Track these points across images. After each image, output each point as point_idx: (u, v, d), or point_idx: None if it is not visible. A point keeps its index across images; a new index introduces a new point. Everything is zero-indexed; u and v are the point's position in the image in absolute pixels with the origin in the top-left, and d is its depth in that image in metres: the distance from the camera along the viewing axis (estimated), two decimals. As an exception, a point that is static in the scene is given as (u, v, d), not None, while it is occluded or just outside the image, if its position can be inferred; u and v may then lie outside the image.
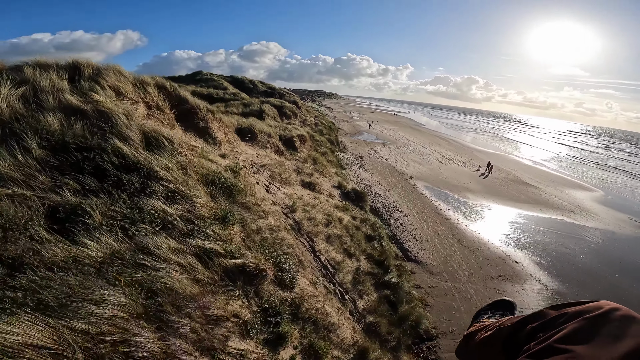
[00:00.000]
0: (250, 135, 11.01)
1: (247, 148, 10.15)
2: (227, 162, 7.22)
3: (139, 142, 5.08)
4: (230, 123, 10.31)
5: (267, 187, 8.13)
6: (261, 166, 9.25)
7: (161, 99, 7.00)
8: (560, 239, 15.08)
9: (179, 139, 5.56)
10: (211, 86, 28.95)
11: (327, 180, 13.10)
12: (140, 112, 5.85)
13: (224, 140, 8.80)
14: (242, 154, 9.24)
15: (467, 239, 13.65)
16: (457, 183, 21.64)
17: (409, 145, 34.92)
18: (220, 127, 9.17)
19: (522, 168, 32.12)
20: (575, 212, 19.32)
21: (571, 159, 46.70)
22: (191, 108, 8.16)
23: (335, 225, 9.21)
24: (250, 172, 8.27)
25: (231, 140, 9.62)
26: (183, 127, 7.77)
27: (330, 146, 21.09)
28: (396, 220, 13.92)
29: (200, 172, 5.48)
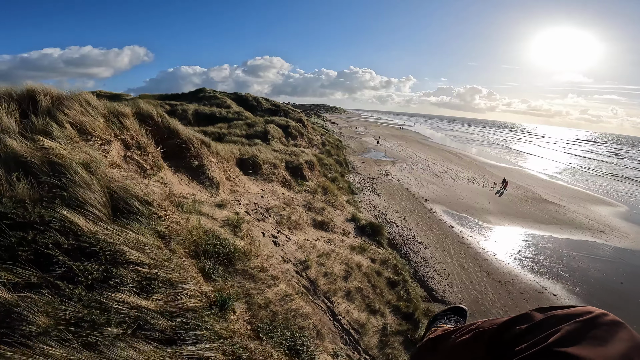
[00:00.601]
0: (253, 168, 9.84)
1: (250, 184, 8.96)
2: (225, 214, 5.99)
3: (102, 208, 3.84)
4: (230, 155, 9.14)
5: (274, 239, 6.88)
6: (267, 210, 8.01)
7: (143, 133, 5.84)
8: (595, 263, 13.66)
9: (161, 195, 4.34)
10: (214, 104, 28.16)
11: (339, 213, 11.83)
12: (112, 157, 4.69)
13: (222, 180, 7.60)
14: (244, 194, 8.04)
15: (496, 271, 12.25)
16: (475, 205, 20.21)
17: (420, 163, 33.62)
18: (219, 162, 7.98)
19: (539, 183, 30.64)
20: (604, 231, 17.82)
21: (585, 171, 44.99)
22: (183, 143, 6.99)
23: (355, 274, 7.90)
24: (254, 220, 7.03)
25: (232, 176, 8.43)
26: (173, 167, 6.60)
27: (339, 169, 19.88)
28: (416, 254, 12.54)
29: (190, 240, 4.24)
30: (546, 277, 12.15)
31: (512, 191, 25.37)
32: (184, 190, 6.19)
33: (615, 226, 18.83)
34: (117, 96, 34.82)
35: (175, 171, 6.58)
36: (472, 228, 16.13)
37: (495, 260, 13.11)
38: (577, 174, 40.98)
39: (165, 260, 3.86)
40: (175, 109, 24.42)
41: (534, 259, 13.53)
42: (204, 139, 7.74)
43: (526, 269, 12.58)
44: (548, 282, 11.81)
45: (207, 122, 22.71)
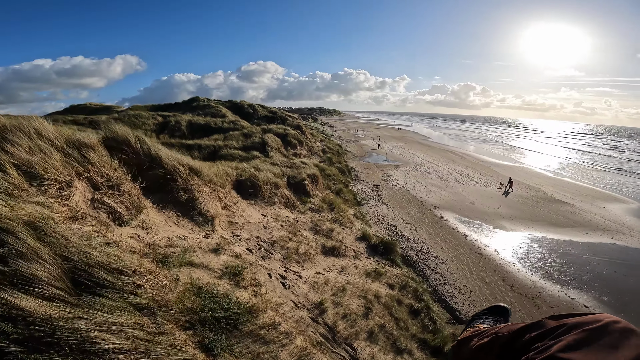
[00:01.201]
0: (253, 191, 8.87)
1: (250, 210, 8.00)
2: (223, 261, 5.02)
3: (57, 283, 2.88)
4: (225, 179, 8.16)
5: (283, 279, 5.91)
6: (271, 244, 7.04)
7: (116, 166, 4.86)
8: (620, 269, 12.78)
9: (141, 249, 3.36)
10: (209, 114, 27.21)
11: (348, 231, 10.88)
12: (74, 205, 3.72)
13: (218, 213, 6.63)
14: (244, 226, 7.08)
15: (520, 284, 11.33)
16: (487, 209, 19.31)
17: (423, 165, 32.72)
18: (212, 191, 7.01)
19: (546, 181, 29.79)
20: (623, 232, 16.94)
21: (587, 166, 44.23)
22: (168, 173, 6.01)
23: (375, 308, 6.94)
24: (258, 259, 6.06)
25: (228, 204, 7.47)
26: (158, 203, 5.64)
27: (342, 178, 18.95)
28: (433, 270, 11.59)
29: (181, 307, 3.28)
30: (574, 287, 11.24)
31: (522, 192, 24.51)
32: (172, 233, 5.21)
33: (633, 226, 17.95)
34: (108, 108, 33.87)
35: (160, 208, 5.61)
36: (487, 236, 15.21)
37: (517, 271, 12.18)
38: (580, 170, 40.20)
39: (152, 342, 2.90)
40: (168, 121, 23.48)
41: (557, 267, 12.62)
42: (193, 165, 6.73)
43: (551, 280, 11.67)
44: (577, 293, 10.90)
45: (202, 133, 21.78)
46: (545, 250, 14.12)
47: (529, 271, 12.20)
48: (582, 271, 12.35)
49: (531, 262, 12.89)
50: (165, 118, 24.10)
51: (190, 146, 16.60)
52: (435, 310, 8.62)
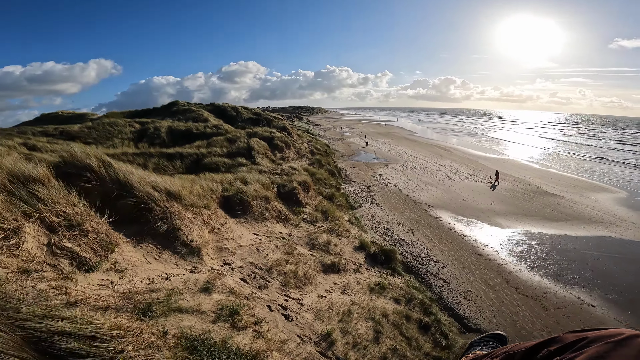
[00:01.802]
0: (241, 208, 8.08)
1: (240, 230, 7.24)
2: (216, 300, 4.28)
3: (15, 352, 2.16)
4: (211, 199, 7.35)
5: (285, 311, 5.22)
6: (267, 270, 6.31)
7: (76, 200, 4.03)
8: (621, 264, 12.59)
9: (112, 324, 2.59)
10: (190, 119, 26.03)
11: (345, 242, 10.25)
12: (26, 255, 2.91)
13: (204, 241, 5.85)
14: (235, 251, 6.32)
15: (524, 285, 10.98)
16: (480, 206, 19.06)
17: (412, 162, 32.44)
18: (196, 215, 6.21)
19: (533, 173, 29.98)
20: (616, 224, 16.95)
21: (569, 155, 45.07)
22: (142, 202, 5.18)
23: (384, 330, 6.33)
24: (254, 290, 5.33)
25: (216, 227, 6.69)
26: (133, 237, 4.83)
27: (333, 181, 18.29)
28: (436, 276, 11.09)
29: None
30: (578, 286, 10.96)
31: (512, 185, 24.49)
32: (152, 272, 4.43)
33: (624, 217, 18.01)
34: (81, 116, 32.17)
35: (137, 242, 4.80)
36: (485, 235, 14.87)
37: (519, 271, 11.84)
38: (563, 160, 40.85)
39: None
40: (146, 128, 22.26)
41: (558, 265, 12.35)
42: (172, 189, 5.88)
43: (555, 279, 11.36)
44: (582, 292, 10.61)
45: (184, 139, 20.70)
46: (544, 247, 13.87)
47: (531, 271, 11.88)
48: (584, 268, 12.12)
49: (532, 261, 12.58)
50: (144, 125, 22.86)
51: (171, 155, 15.60)
52: (444, 322, 8.09)
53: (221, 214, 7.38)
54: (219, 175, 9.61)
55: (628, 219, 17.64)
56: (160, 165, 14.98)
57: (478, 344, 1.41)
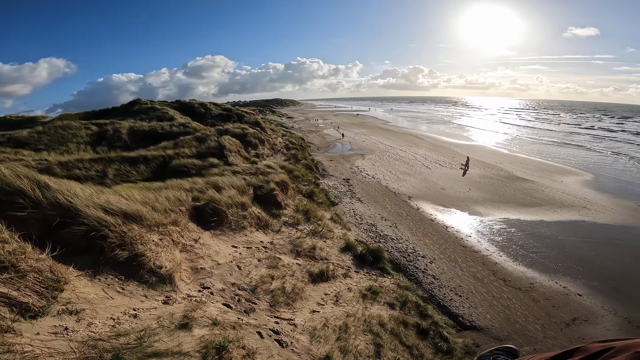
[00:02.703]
0: (216, 218, 7.23)
1: (217, 245, 6.43)
2: (199, 337, 3.53)
3: None
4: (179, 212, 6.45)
5: (277, 335, 4.55)
6: (252, 291, 5.57)
7: (4, 237, 3.14)
8: (598, 249, 12.91)
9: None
10: (154, 118, 24.23)
11: (331, 243, 9.67)
12: None
13: (176, 265, 5.02)
14: (213, 271, 5.53)
15: (511, 277, 10.95)
16: (458, 194, 19.16)
17: (388, 151, 32.37)
18: (163, 236, 5.34)
19: (503, 158, 30.89)
20: (587, 207, 17.59)
21: (534, 140, 47.14)
22: (93, 228, 4.26)
23: (384, 341, 5.84)
24: (240, 316, 4.60)
25: (188, 244, 5.84)
26: (88, 269, 3.95)
27: (311, 176, 17.61)
28: (424, 272, 10.81)
29: None
30: (562, 275, 11.06)
31: (485, 171, 24.98)
32: (117, 309, 3.60)
33: (593, 199, 18.72)
34: (32, 119, 29.18)
35: (93, 275, 3.92)
36: (466, 225, 14.84)
37: (504, 262, 11.83)
38: (528, 144, 42.57)
39: None
40: (105, 130, 20.41)
41: (540, 253, 12.49)
42: (129, 210, 4.92)
43: (539, 268, 11.42)
44: (566, 281, 10.70)
45: (148, 141, 19.14)
46: (524, 234, 14.03)
47: (516, 261, 11.90)
48: (564, 255, 12.30)
49: (515, 250, 12.64)
50: (102, 127, 20.95)
51: (134, 159, 14.24)
52: (442, 324, 7.74)
53: (193, 228, 6.52)
54: (188, 182, 8.63)
55: (597, 201, 18.37)
56: (122, 172, 13.62)
57: (487, 358, 1.35)
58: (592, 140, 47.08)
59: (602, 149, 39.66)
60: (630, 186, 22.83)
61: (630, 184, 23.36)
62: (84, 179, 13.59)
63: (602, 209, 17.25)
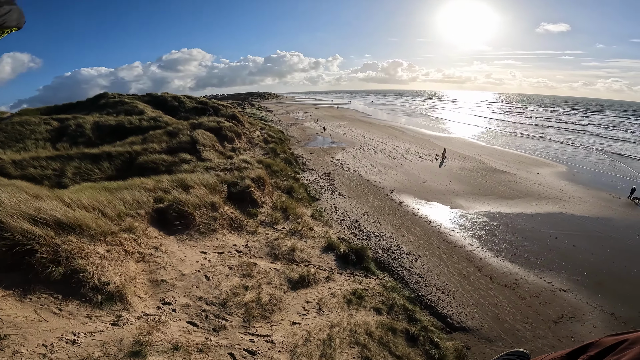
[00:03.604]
0: (182, 222, 6.45)
1: (182, 250, 5.68)
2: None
3: None
4: (137, 215, 5.65)
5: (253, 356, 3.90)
6: (222, 304, 4.89)
7: None
8: (578, 242, 12.98)
9: None
10: (122, 112, 22.66)
11: (311, 243, 9.09)
12: None
13: (129, 279, 4.28)
14: (176, 284, 4.81)
15: (497, 272, 10.76)
16: (439, 187, 19.02)
17: (368, 144, 32.04)
18: (113, 246, 4.57)
19: (481, 151, 31.28)
20: (564, 199, 17.86)
21: (508, 133, 48.28)
22: (17, 243, 3.47)
23: (372, 353, 5.37)
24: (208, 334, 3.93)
25: (147, 253, 5.10)
26: (17, 289, 3.18)
27: (290, 171, 16.90)
28: (410, 271, 10.43)
29: None
30: (545, 269, 10.97)
31: (464, 163, 25.10)
32: (52, 334, 2.90)
33: (569, 191, 19.03)
34: (-15, 114, 26.76)
35: (22, 295, 3.19)
36: (449, 219, 14.65)
37: (488, 257, 11.66)
38: (503, 137, 43.53)
39: None
40: (66, 125, 18.82)
41: (522, 247, 12.40)
42: (68, 219, 4.11)
43: (523, 263, 11.29)
44: (550, 276, 10.60)
45: (115, 136, 17.78)
46: (505, 228, 13.97)
47: (499, 256, 11.74)
48: (546, 249, 12.27)
49: (498, 245, 12.50)
50: (63, 122, 19.33)
51: (97, 156, 13.05)
52: (431, 327, 7.35)
53: (154, 234, 5.74)
54: (152, 180, 7.76)
55: (573, 193, 18.69)
56: (83, 170, 12.43)
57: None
58: (564, 134, 48.72)
59: (573, 141, 41.05)
60: (603, 178, 23.52)
61: (603, 176, 24.09)
62: (40, 178, 12.35)
63: (578, 201, 17.55)
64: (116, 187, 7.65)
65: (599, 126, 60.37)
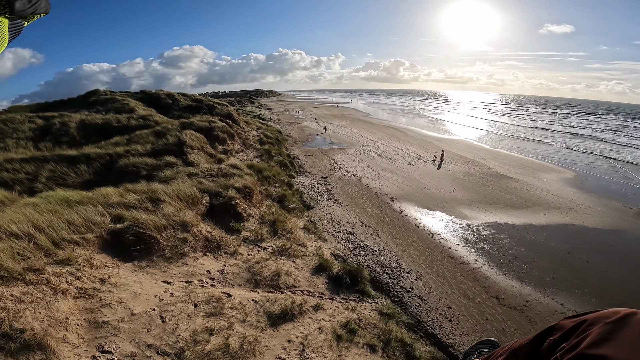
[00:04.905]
0: (142, 246, 5.48)
1: (139, 281, 4.72)
2: None
3: None
4: (83, 241, 4.69)
5: None
6: (178, 354, 3.91)
7: None
8: (591, 257, 11.98)
9: None
10: (111, 109, 21.68)
11: (300, 263, 8.12)
12: None
13: (55, 327, 3.32)
14: (121, 327, 3.86)
15: (505, 293, 9.79)
16: (443, 194, 18.02)
17: (369, 145, 31.03)
18: (36, 285, 3.61)
19: (486, 154, 30.21)
20: (574, 209, 16.85)
21: (511, 135, 47.11)
22: None
23: None
24: None
25: (88, 288, 4.15)
26: None
27: (284, 176, 15.89)
28: (410, 292, 9.46)
29: None
30: (557, 289, 10.00)
31: (469, 168, 24.09)
32: None
33: (579, 200, 18.00)
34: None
35: None
36: (453, 231, 13.66)
37: (495, 275, 10.69)
38: (507, 140, 42.45)
39: None
40: (51, 123, 17.86)
41: (533, 263, 11.43)
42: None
43: (533, 282, 10.32)
44: (563, 297, 9.65)
45: (100, 135, 16.82)
46: (513, 241, 12.98)
47: (508, 274, 10.78)
48: (557, 264, 11.32)
49: (506, 261, 11.52)
50: (48, 120, 18.38)
51: (74, 158, 12.09)
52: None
53: (103, 262, 4.78)
54: (118, 192, 6.78)
55: (583, 202, 17.68)
56: (58, 174, 11.48)
57: (472, 353, 1.35)
58: (568, 137, 47.56)
59: (578, 145, 39.93)
60: (612, 185, 22.48)
61: (612, 183, 23.04)
62: (12, 183, 11.40)
63: (589, 211, 16.56)
64: (79, 199, 6.69)
65: (604, 130, 59.11)
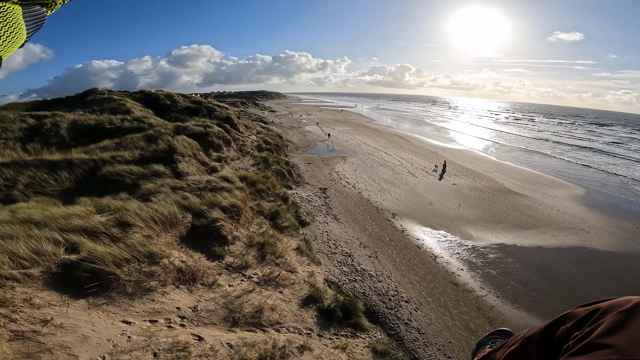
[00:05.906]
0: (97, 283, 4.70)
1: (92, 322, 3.95)
2: None
3: None
4: (25, 278, 3.94)
5: None
6: None
7: None
8: (605, 284, 11.23)
9: None
10: (106, 109, 21.05)
11: (288, 294, 7.32)
12: None
13: None
14: None
15: (512, 325, 8.88)
16: (447, 211, 17.16)
17: (372, 154, 30.21)
18: None
19: (492, 167, 29.28)
20: (585, 229, 15.93)
21: (519, 147, 46.01)
22: None
23: None
24: None
25: (26, 331, 3.38)
26: None
27: (280, 188, 15.10)
28: (408, 324, 8.62)
29: None
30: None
31: (475, 182, 23.19)
32: None
33: (590, 220, 17.05)
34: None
35: None
36: (457, 254, 12.80)
37: (502, 305, 9.83)
38: (513, 151, 41.44)
39: None
40: (42, 123, 17.24)
41: (542, 291, 10.57)
42: None
43: (542, 313, 9.44)
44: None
45: (91, 137, 16.16)
46: (521, 266, 12.11)
47: (515, 303, 9.93)
48: (568, 292, 10.49)
49: (513, 288, 10.66)
50: (40, 119, 17.76)
51: (55, 164, 11.40)
52: None
53: (49, 300, 4.02)
54: (85, 210, 6.04)
55: (595, 222, 16.75)
56: (37, 181, 10.79)
57: (486, 343, 1.32)
58: (578, 150, 46.44)
59: (587, 159, 38.90)
60: (623, 203, 21.53)
61: (624, 201, 22.07)
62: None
63: (601, 232, 15.64)
64: (41, 219, 5.96)
65: (613, 144, 57.82)
